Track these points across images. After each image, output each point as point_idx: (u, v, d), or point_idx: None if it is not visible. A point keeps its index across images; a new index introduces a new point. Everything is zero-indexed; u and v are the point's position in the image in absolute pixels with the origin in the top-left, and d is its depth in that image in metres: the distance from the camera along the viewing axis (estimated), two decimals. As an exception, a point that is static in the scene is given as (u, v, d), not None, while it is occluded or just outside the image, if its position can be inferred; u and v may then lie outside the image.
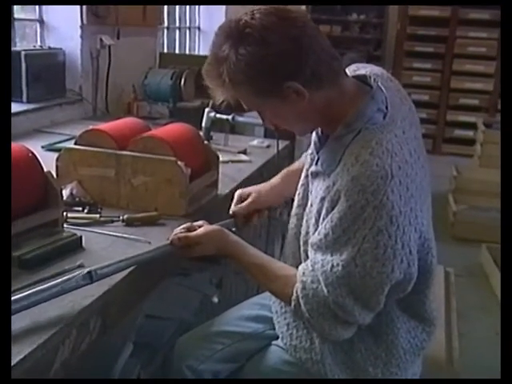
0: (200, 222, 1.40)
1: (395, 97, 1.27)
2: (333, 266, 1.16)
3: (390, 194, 1.11)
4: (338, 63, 1.21)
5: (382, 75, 1.30)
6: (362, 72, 1.30)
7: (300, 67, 1.16)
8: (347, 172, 1.15)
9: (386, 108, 1.22)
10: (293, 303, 1.24)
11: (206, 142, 1.94)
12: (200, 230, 1.36)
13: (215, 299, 2.16)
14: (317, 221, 1.24)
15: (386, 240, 1.12)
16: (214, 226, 1.40)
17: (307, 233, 1.30)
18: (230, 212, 1.58)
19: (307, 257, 1.27)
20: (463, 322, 2.42)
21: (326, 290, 1.18)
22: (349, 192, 1.13)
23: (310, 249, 1.24)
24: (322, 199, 1.21)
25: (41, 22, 3.06)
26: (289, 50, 1.14)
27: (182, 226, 1.38)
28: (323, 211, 1.20)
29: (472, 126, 6.06)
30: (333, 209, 1.17)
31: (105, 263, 1.20)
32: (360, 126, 1.19)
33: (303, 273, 1.23)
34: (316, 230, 1.23)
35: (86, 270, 1.15)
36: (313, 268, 1.21)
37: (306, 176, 1.38)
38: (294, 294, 1.24)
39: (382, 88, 1.25)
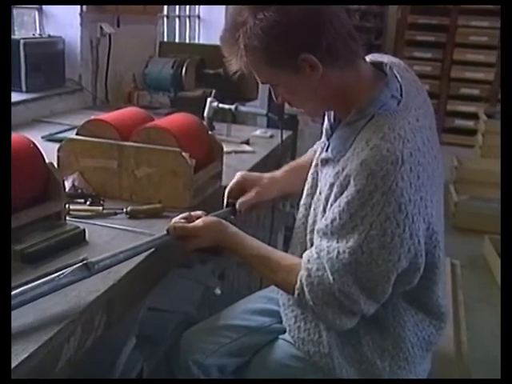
0: (199, 213, 1.37)
1: (411, 87, 1.25)
2: (339, 252, 1.14)
3: (400, 181, 1.09)
4: (356, 44, 1.19)
5: (399, 65, 1.29)
6: (379, 60, 1.28)
7: (317, 39, 1.13)
8: (357, 156, 1.13)
9: (401, 96, 1.20)
10: (296, 292, 1.22)
11: (209, 132, 1.91)
12: (198, 222, 1.33)
13: (218, 291, 2.14)
14: (324, 208, 1.21)
15: (394, 228, 1.10)
16: (213, 218, 1.37)
17: (314, 221, 1.28)
18: (237, 205, 1.52)
19: (312, 246, 1.25)
20: (467, 314, 2.40)
21: (331, 278, 1.16)
22: (358, 176, 1.10)
23: (315, 235, 1.22)
24: (331, 185, 1.19)
25: (39, 9, 3.01)
26: (307, 20, 1.12)
27: (179, 216, 1.35)
28: (331, 197, 1.18)
29: (473, 116, 6.04)
30: (341, 194, 1.14)
31: (103, 255, 1.16)
32: (373, 112, 1.17)
33: (308, 260, 1.21)
34: (323, 217, 1.21)
35: (82, 263, 1.11)
36: (318, 255, 1.18)
37: (316, 165, 1.35)
38: (298, 283, 1.21)
39: (398, 76, 1.23)
